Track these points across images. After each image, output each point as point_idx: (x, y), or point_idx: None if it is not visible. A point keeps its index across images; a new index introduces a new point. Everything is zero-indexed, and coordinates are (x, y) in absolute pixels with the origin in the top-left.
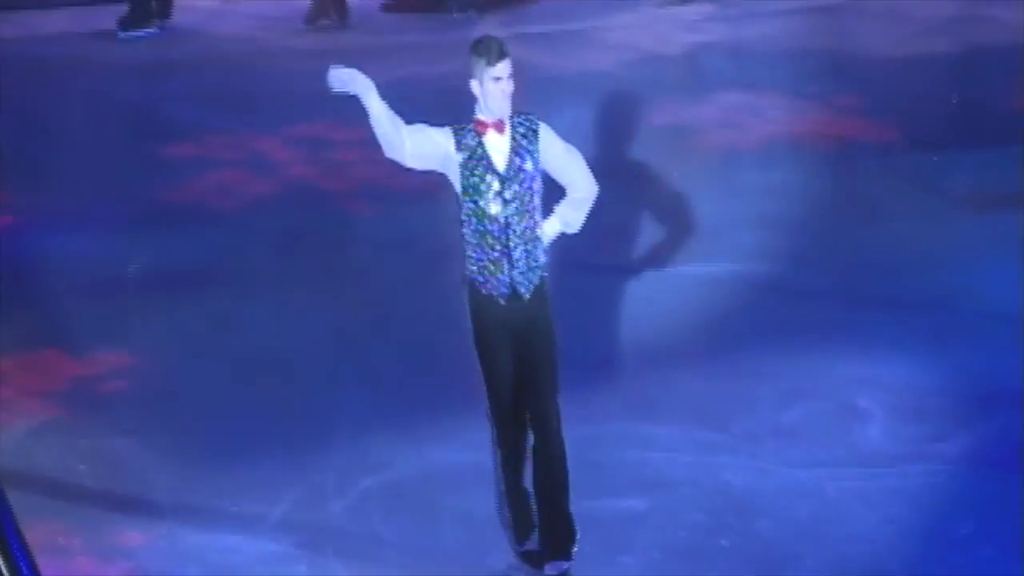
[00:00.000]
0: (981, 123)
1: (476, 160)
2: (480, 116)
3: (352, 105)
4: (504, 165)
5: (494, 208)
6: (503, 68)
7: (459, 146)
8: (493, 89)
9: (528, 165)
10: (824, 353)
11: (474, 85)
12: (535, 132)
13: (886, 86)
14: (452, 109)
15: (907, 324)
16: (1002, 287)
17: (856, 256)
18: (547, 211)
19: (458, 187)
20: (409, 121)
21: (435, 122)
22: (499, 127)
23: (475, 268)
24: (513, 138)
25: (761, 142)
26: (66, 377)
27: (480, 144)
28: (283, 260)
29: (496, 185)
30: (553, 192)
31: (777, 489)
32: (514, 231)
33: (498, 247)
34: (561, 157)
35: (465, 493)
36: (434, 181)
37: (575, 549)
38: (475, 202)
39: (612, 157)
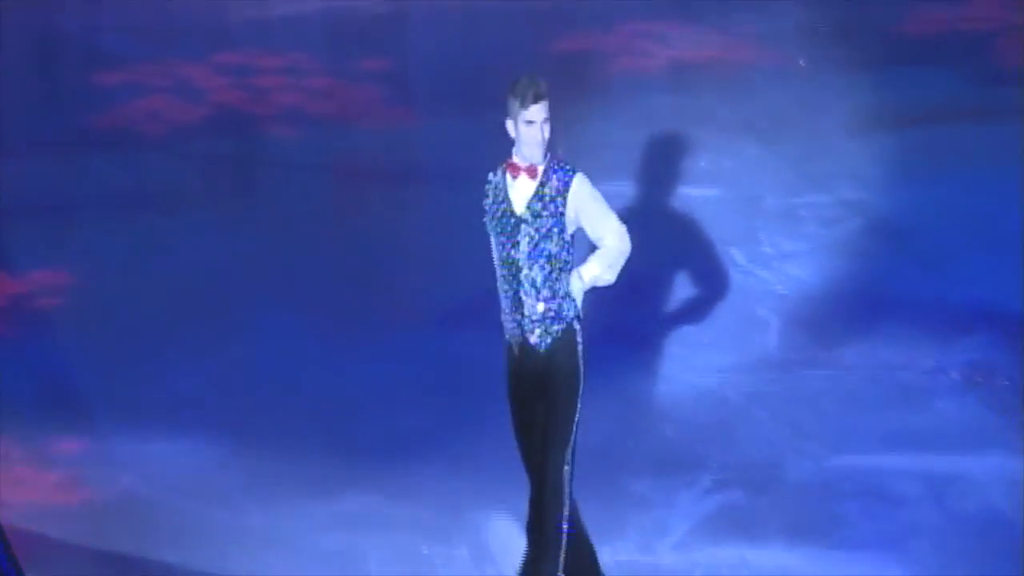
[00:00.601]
0: (871, 47)
1: (499, 203)
2: (515, 159)
3: (275, 33)
4: (523, 209)
5: (508, 252)
6: (537, 112)
7: (487, 188)
8: (525, 133)
9: (548, 213)
10: (724, 263)
11: (509, 126)
12: (567, 183)
13: (782, 15)
14: (372, 39)
15: (800, 236)
16: (886, 201)
17: (753, 172)
18: None
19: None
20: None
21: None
22: (531, 172)
23: (502, 311)
24: (541, 183)
25: (664, 68)
26: (4, 294)
27: (506, 186)
28: (209, 182)
29: (511, 229)
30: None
31: (682, 395)
32: (526, 278)
33: (511, 293)
34: (590, 211)
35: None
36: (354, 106)
37: None
38: (496, 244)
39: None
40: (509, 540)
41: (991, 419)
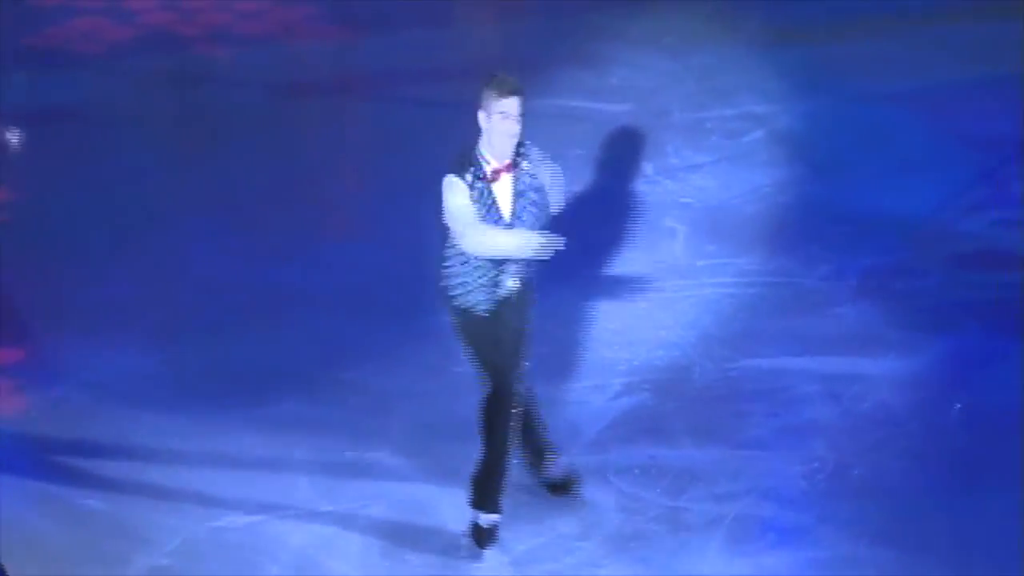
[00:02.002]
0: None
1: (485, 208)
2: (486, 155)
3: None
4: (509, 212)
5: None
6: (512, 105)
7: (470, 193)
8: (499, 126)
9: (529, 214)
10: (631, 175)
11: (481, 117)
12: (543, 177)
13: None
14: None
15: (706, 148)
16: (786, 113)
17: (658, 84)
18: None
19: None
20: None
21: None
22: (508, 168)
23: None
24: (517, 177)
25: None
26: None
27: (489, 190)
28: (143, 99)
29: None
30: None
31: (591, 303)
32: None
33: (489, 273)
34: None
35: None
36: (283, 27)
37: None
38: None
39: None
40: (432, 444)
41: (885, 324)
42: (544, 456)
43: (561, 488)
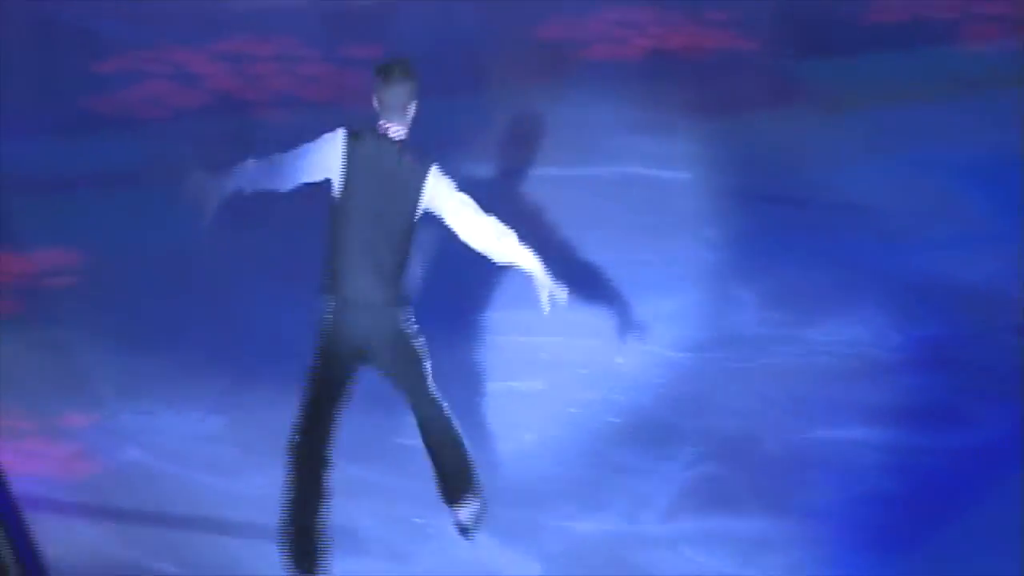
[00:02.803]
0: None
1: None
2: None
3: (270, 21)
4: None
5: None
6: (403, 86)
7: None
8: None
9: None
10: (698, 244)
11: (375, 102)
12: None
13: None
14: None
15: (772, 217)
16: (857, 181)
17: (724, 153)
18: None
19: None
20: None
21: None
22: None
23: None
24: None
25: (640, 54)
26: (13, 272)
27: None
28: (206, 163)
29: None
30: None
31: (662, 371)
32: None
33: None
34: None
35: None
36: (344, 92)
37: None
38: None
39: (498, 69)
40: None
41: (953, 394)
42: (460, 496)
43: (463, 531)
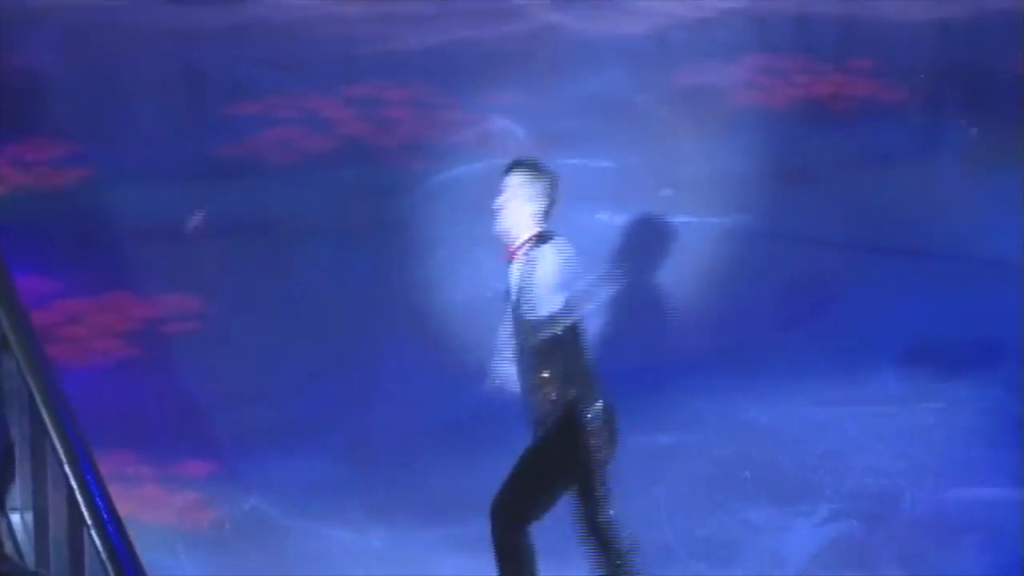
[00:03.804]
0: (985, 87)
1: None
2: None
3: (402, 66)
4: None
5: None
6: (505, 184)
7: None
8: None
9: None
10: (841, 299)
11: (547, 204)
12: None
13: (898, 50)
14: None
15: (917, 272)
16: (1002, 236)
17: (869, 208)
18: None
19: None
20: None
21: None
22: (515, 254)
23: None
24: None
25: (784, 103)
26: (136, 318)
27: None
28: (337, 210)
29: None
30: None
31: (798, 426)
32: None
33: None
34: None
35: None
36: (480, 137)
37: None
38: None
39: (639, 116)
40: None
41: None
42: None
43: None
